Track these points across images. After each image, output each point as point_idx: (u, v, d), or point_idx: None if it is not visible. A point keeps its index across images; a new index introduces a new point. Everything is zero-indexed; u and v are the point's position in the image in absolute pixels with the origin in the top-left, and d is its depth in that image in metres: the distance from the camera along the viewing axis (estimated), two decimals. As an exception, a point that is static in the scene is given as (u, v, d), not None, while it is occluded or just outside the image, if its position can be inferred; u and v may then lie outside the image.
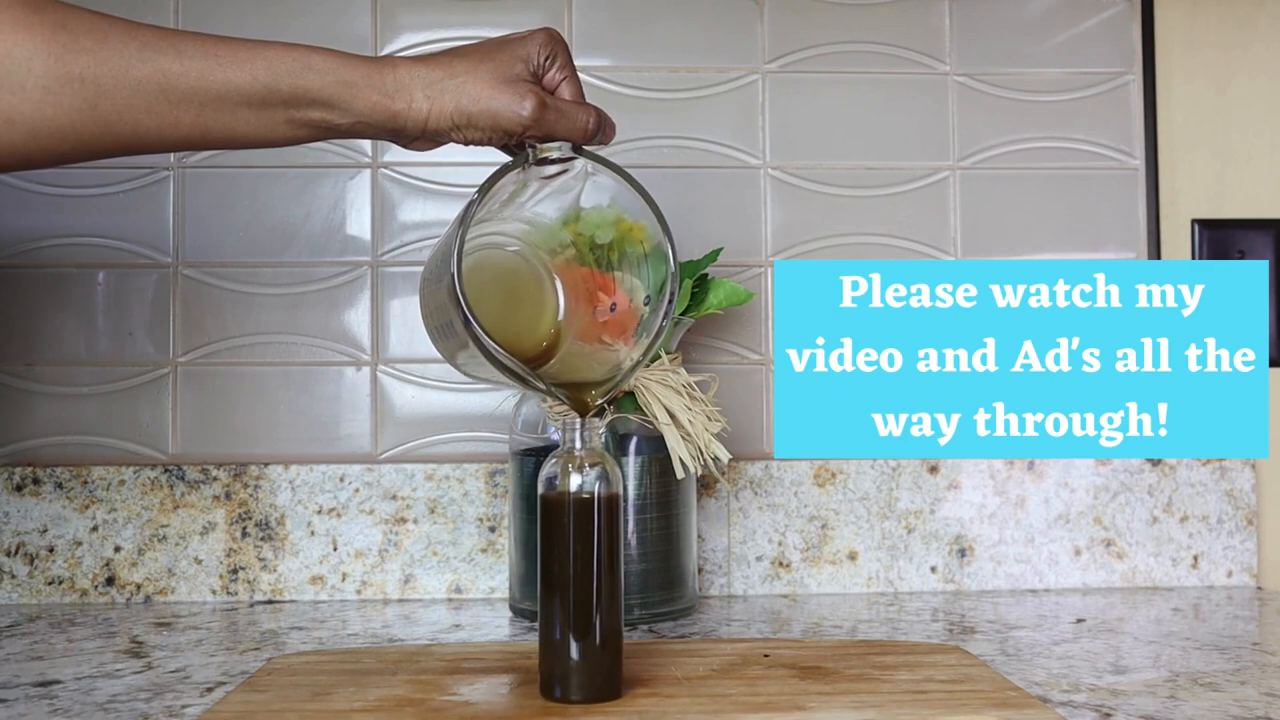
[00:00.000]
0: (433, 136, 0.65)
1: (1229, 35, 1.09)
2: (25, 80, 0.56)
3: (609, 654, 0.63)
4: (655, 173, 1.05)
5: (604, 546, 0.63)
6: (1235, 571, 1.02)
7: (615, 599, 0.63)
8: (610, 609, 0.63)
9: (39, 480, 0.97)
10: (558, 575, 0.63)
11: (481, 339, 0.60)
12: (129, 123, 0.59)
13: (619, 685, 0.63)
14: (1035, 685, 0.67)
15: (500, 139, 0.65)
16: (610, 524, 0.63)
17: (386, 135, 0.65)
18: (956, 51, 1.07)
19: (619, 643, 0.63)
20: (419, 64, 0.63)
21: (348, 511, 0.99)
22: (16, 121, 0.56)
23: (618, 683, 0.63)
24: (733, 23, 1.06)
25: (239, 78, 0.61)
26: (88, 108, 0.57)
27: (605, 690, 0.63)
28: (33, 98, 0.56)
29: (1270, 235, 1.08)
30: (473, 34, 1.05)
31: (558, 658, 0.63)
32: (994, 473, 1.02)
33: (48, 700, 0.65)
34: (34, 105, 0.56)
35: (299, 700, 0.63)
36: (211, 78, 0.60)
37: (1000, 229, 1.06)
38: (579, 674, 0.62)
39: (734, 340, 1.05)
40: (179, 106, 0.60)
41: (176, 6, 1.04)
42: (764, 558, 1.00)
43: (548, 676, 0.63)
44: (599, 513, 0.63)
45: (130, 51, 0.59)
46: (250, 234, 1.03)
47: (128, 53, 0.59)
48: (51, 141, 0.58)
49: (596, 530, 0.63)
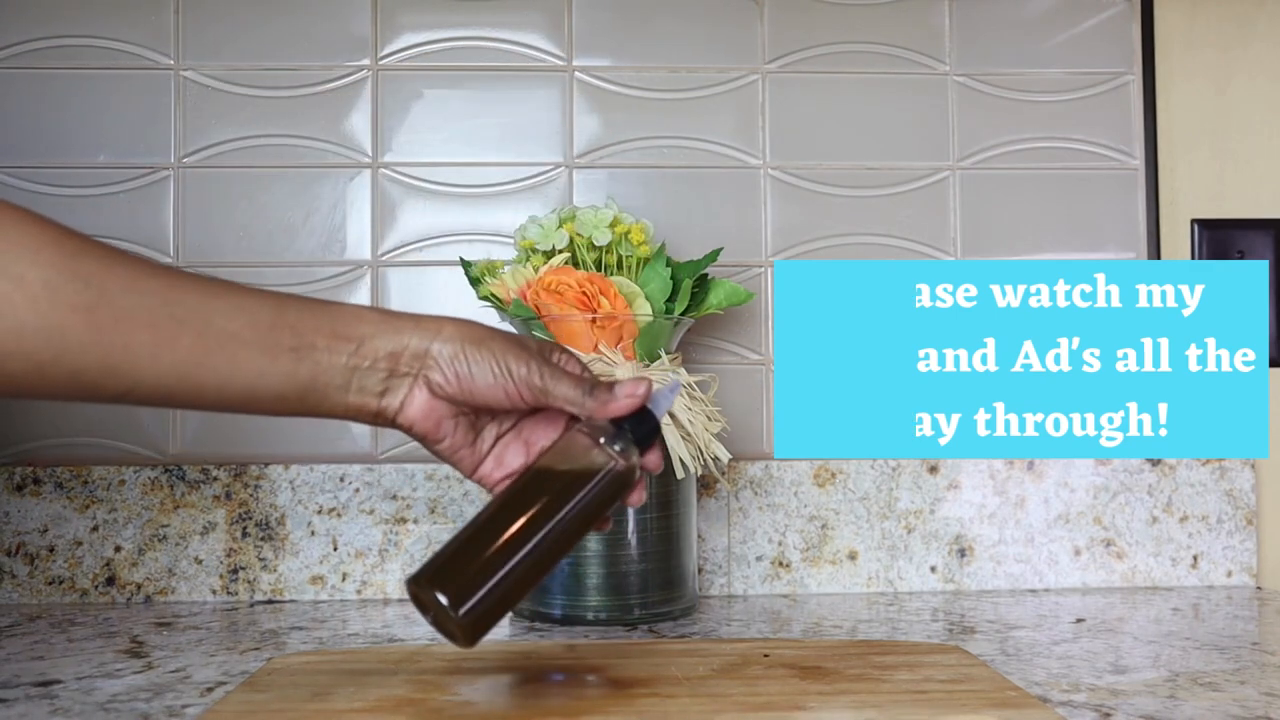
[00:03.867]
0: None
1: (1229, 35, 1.09)
2: (28, 271, 0.52)
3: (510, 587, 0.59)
4: (655, 173, 1.05)
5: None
6: (1235, 571, 1.02)
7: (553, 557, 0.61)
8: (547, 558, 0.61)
9: (39, 480, 0.97)
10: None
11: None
12: (123, 334, 0.54)
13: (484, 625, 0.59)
14: (1035, 685, 0.67)
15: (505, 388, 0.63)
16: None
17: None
18: (956, 51, 1.07)
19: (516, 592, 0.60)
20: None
21: (348, 511, 0.99)
22: (5, 313, 0.52)
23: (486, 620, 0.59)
24: (733, 23, 1.06)
25: (252, 303, 0.58)
26: (85, 309, 0.53)
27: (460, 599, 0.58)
28: (31, 290, 0.52)
29: (1270, 235, 1.08)
30: (473, 34, 1.05)
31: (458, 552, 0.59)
32: (994, 473, 1.02)
33: (48, 700, 0.65)
34: (29, 299, 0.52)
35: (299, 700, 0.63)
36: (222, 297, 0.58)
37: (1000, 229, 1.06)
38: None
39: (734, 340, 1.05)
40: (182, 324, 0.56)
41: (177, 6, 1.04)
42: (764, 558, 1.00)
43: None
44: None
45: (141, 265, 0.56)
46: (250, 234, 1.03)
47: (138, 265, 0.56)
48: (36, 343, 0.53)
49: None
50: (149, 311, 0.55)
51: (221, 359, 0.57)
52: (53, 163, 1.02)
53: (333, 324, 0.60)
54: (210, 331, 0.57)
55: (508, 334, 0.63)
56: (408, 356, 0.61)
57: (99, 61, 1.03)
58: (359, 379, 0.60)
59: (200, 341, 0.56)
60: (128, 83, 1.03)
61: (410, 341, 0.61)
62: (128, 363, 0.55)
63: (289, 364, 0.59)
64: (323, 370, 0.59)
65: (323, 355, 0.59)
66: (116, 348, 0.55)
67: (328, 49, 1.04)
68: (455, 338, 0.62)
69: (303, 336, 0.59)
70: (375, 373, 0.61)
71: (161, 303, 0.56)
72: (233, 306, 0.58)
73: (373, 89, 1.04)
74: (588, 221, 0.88)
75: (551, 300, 0.85)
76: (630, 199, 1.04)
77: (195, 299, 0.57)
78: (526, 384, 0.62)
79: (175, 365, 0.56)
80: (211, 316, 0.57)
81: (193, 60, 1.04)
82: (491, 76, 1.05)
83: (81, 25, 1.03)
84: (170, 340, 0.56)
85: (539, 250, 0.89)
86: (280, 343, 0.58)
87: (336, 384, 0.60)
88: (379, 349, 0.60)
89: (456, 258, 0.99)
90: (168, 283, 0.56)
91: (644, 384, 0.64)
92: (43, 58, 1.03)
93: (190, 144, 1.03)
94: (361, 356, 0.60)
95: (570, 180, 1.05)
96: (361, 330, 0.60)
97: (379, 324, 0.61)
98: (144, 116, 1.03)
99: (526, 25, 1.05)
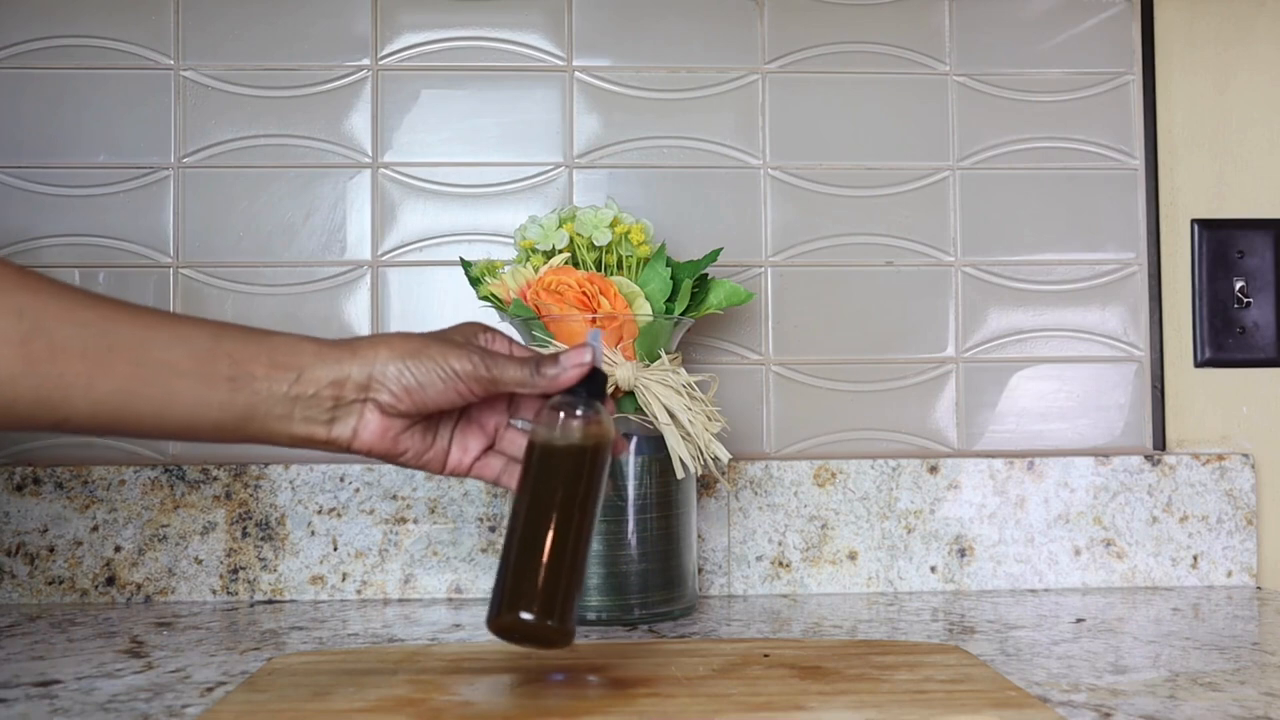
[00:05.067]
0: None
1: (1229, 35, 1.09)
2: None
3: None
4: (655, 173, 1.05)
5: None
6: (1235, 571, 1.02)
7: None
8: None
9: (39, 480, 0.97)
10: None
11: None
12: (58, 366, 0.54)
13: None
14: (1035, 685, 0.67)
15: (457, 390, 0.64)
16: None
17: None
18: (956, 51, 1.07)
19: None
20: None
21: (348, 511, 0.99)
22: None
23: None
24: (733, 23, 1.06)
25: (190, 332, 0.58)
26: (18, 342, 0.53)
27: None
28: None
29: (1270, 235, 1.08)
30: (473, 34, 1.05)
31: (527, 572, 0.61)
32: (994, 473, 1.02)
33: (48, 700, 0.65)
34: None
35: (299, 700, 0.63)
36: (158, 328, 0.58)
37: (1000, 229, 1.06)
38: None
39: (734, 340, 1.05)
40: (117, 355, 0.56)
41: (177, 6, 1.04)
42: (764, 558, 1.00)
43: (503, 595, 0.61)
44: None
45: (76, 296, 0.56)
46: (250, 234, 1.03)
47: (73, 296, 0.56)
48: None
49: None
50: (84, 342, 0.55)
51: (157, 389, 0.57)
52: (53, 163, 1.02)
53: (271, 353, 0.60)
54: (146, 361, 0.57)
55: (438, 336, 0.65)
56: (351, 385, 0.62)
57: (99, 61, 1.03)
58: (302, 408, 0.61)
59: (136, 371, 0.56)
60: (128, 83, 1.03)
61: (351, 371, 0.62)
62: (61, 393, 0.55)
63: (226, 393, 0.59)
64: (261, 399, 0.60)
65: (261, 384, 0.60)
66: (50, 379, 0.54)
67: (328, 49, 1.04)
68: (394, 356, 0.62)
69: (240, 365, 0.59)
70: (320, 401, 0.61)
71: (97, 334, 0.55)
72: (170, 336, 0.58)
73: (373, 89, 1.04)
74: (588, 221, 0.88)
75: (551, 300, 0.85)
76: (630, 199, 1.04)
77: (131, 329, 0.57)
78: (474, 379, 0.63)
79: (111, 395, 0.56)
80: (148, 347, 0.57)
81: (193, 60, 1.04)
82: (491, 76, 1.05)
83: (81, 25, 1.03)
84: (105, 370, 0.55)
85: (539, 250, 0.89)
86: (217, 371, 0.58)
87: (277, 413, 0.60)
88: (321, 377, 0.61)
89: (456, 258, 0.99)
90: (103, 313, 0.56)
91: (587, 350, 0.65)
92: (43, 58, 1.03)
93: (190, 144, 1.03)
94: (303, 385, 0.60)
95: (570, 180, 1.05)
96: (301, 360, 0.61)
97: (317, 354, 0.61)
98: (144, 116, 1.03)
99: (526, 25, 1.05)
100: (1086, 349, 1.07)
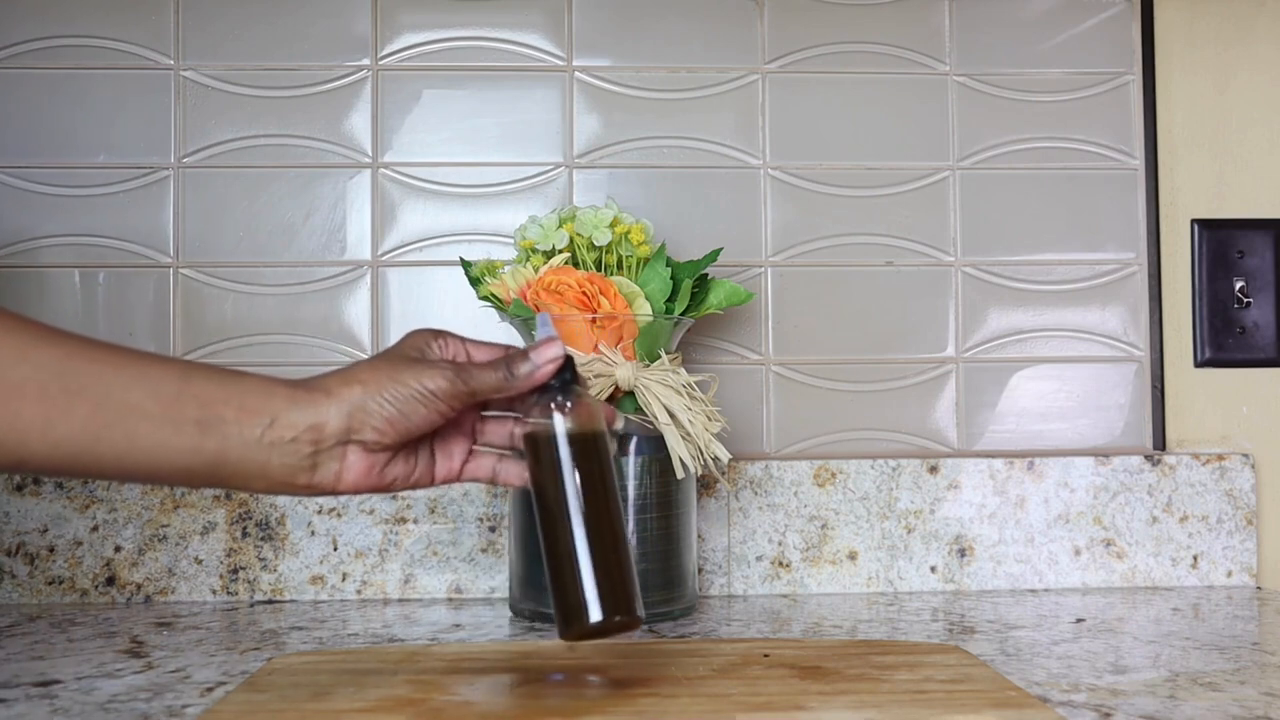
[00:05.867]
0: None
1: (1229, 35, 1.09)
2: None
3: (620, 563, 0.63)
4: (655, 173, 1.05)
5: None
6: (1235, 571, 1.02)
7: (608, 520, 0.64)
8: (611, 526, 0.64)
9: (39, 480, 0.97)
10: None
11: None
12: (12, 409, 0.52)
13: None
14: (1035, 685, 0.67)
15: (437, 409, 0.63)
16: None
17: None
18: (956, 51, 1.07)
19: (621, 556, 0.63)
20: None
21: (348, 511, 0.99)
22: None
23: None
24: (733, 23, 1.06)
25: (155, 372, 0.56)
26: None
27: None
28: None
29: (1270, 235, 1.08)
30: (473, 34, 1.05)
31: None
32: (994, 473, 1.02)
33: (48, 700, 0.65)
34: None
35: (299, 700, 0.63)
36: (122, 368, 0.55)
37: (1000, 229, 1.06)
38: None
39: (734, 340, 1.05)
40: (76, 397, 0.53)
41: (177, 6, 1.04)
42: (764, 558, 1.00)
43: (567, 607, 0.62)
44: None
45: (34, 333, 0.54)
46: (250, 234, 1.03)
47: (30, 333, 0.54)
48: None
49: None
50: (40, 384, 0.53)
51: (119, 432, 0.55)
52: (53, 163, 1.02)
53: (242, 397, 0.58)
54: (107, 404, 0.54)
55: (400, 358, 0.62)
56: (331, 431, 0.59)
57: (99, 61, 1.03)
58: (279, 455, 0.58)
59: (97, 414, 0.54)
60: (127, 83, 1.03)
61: (329, 415, 0.59)
62: (16, 435, 0.53)
63: (194, 437, 0.56)
64: (233, 445, 0.57)
65: (232, 428, 0.57)
66: (4, 420, 0.52)
67: (328, 49, 1.04)
68: (371, 391, 0.60)
69: (209, 408, 0.56)
70: (299, 447, 0.58)
71: (54, 375, 0.53)
72: (133, 377, 0.55)
73: (373, 89, 1.04)
74: (588, 221, 0.88)
75: (551, 300, 0.85)
76: (630, 199, 1.04)
77: (91, 369, 0.54)
78: (452, 396, 0.61)
79: (69, 438, 0.54)
80: (109, 388, 0.54)
81: (193, 60, 1.04)
82: (491, 76, 1.05)
83: (81, 25, 1.03)
84: (63, 413, 0.53)
85: (539, 250, 0.89)
86: (185, 415, 0.56)
87: (252, 458, 0.58)
88: (297, 422, 0.58)
89: (456, 258, 0.99)
90: (63, 352, 0.54)
91: (555, 343, 0.64)
92: (43, 58, 1.03)
93: (190, 144, 1.03)
94: (278, 430, 0.58)
95: (570, 180, 1.05)
96: (273, 405, 0.58)
97: (290, 397, 0.59)
98: (144, 116, 1.03)
99: (526, 25, 1.05)
100: (1086, 349, 1.07)
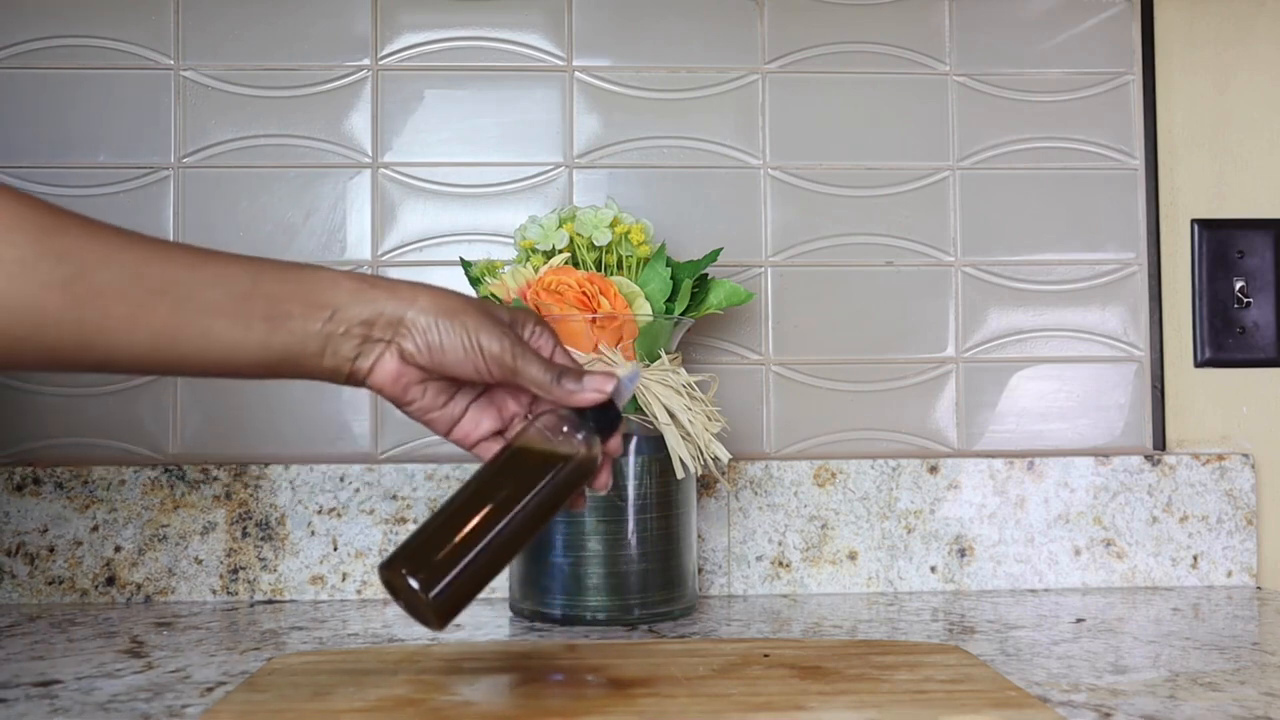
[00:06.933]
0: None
1: (1229, 35, 1.09)
2: (2, 251, 0.53)
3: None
4: (655, 173, 1.05)
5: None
6: (1235, 571, 1.02)
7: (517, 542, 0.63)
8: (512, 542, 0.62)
9: (39, 480, 0.97)
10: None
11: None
12: (100, 309, 0.55)
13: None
14: (1035, 685, 0.67)
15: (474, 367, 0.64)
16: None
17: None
18: (956, 51, 1.07)
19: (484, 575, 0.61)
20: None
21: (348, 511, 0.99)
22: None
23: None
24: (733, 23, 1.06)
25: (230, 271, 0.59)
26: (60, 285, 0.54)
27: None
28: (6, 269, 0.53)
29: (1270, 235, 1.08)
30: (473, 34, 1.05)
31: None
32: (994, 473, 1.02)
33: (48, 700, 0.65)
34: (4, 277, 0.53)
35: (299, 700, 0.63)
36: (199, 268, 0.58)
37: (1000, 229, 1.06)
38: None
39: (734, 340, 1.05)
40: (159, 297, 0.56)
41: (177, 6, 1.04)
42: (764, 558, 1.00)
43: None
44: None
45: (118, 237, 0.56)
46: (250, 234, 1.03)
47: (115, 237, 0.56)
48: (11, 319, 0.53)
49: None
50: (125, 285, 0.56)
51: (196, 330, 0.57)
52: (53, 163, 1.02)
53: (308, 292, 0.60)
54: (186, 304, 0.57)
55: (484, 305, 0.64)
56: (382, 323, 0.62)
57: (99, 61, 1.03)
58: (333, 345, 0.61)
59: (176, 313, 0.57)
60: (128, 83, 1.03)
61: (385, 308, 0.62)
62: (103, 336, 0.55)
63: (264, 333, 0.59)
64: (297, 339, 0.60)
65: (298, 323, 0.60)
66: (92, 322, 0.55)
67: (328, 49, 1.04)
68: (430, 309, 0.62)
69: (278, 305, 0.59)
70: (350, 339, 0.61)
71: (137, 276, 0.56)
72: (210, 277, 0.58)
73: (373, 89, 1.04)
74: (588, 221, 0.88)
75: (551, 300, 0.85)
76: (630, 199, 1.04)
77: (172, 270, 0.57)
78: (497, 362, 0.63)
79: (151, 337, 0.57)
80: (188, 289, 0.57)
81: (193, 60, 1.04)
82: (491, 76, 1.05)
83: (81, 25, 1.03)
84: (147, 313, 0.56)
85: (539, 250, 0.89)
86: (255, 312, 0.59)
87: (311, 350, 0.61)
88: (353, 316, 0.61)
89: (456, 258, 0.99)
90: (144, 255, 0.57)
91: (611, 380, 0.65)
92: (43, 58, 1.03)
93: (190, 144, 1.03)
94: (336, 323, 0.61)
95: (570, 180, 1.05)
96: (337, 298, 0.61)
97: (354, 291, 0.61)
98: (144, 116, 1.03)
99: (526, 25, 1.05)
100: (1086, 349, 1.07)
